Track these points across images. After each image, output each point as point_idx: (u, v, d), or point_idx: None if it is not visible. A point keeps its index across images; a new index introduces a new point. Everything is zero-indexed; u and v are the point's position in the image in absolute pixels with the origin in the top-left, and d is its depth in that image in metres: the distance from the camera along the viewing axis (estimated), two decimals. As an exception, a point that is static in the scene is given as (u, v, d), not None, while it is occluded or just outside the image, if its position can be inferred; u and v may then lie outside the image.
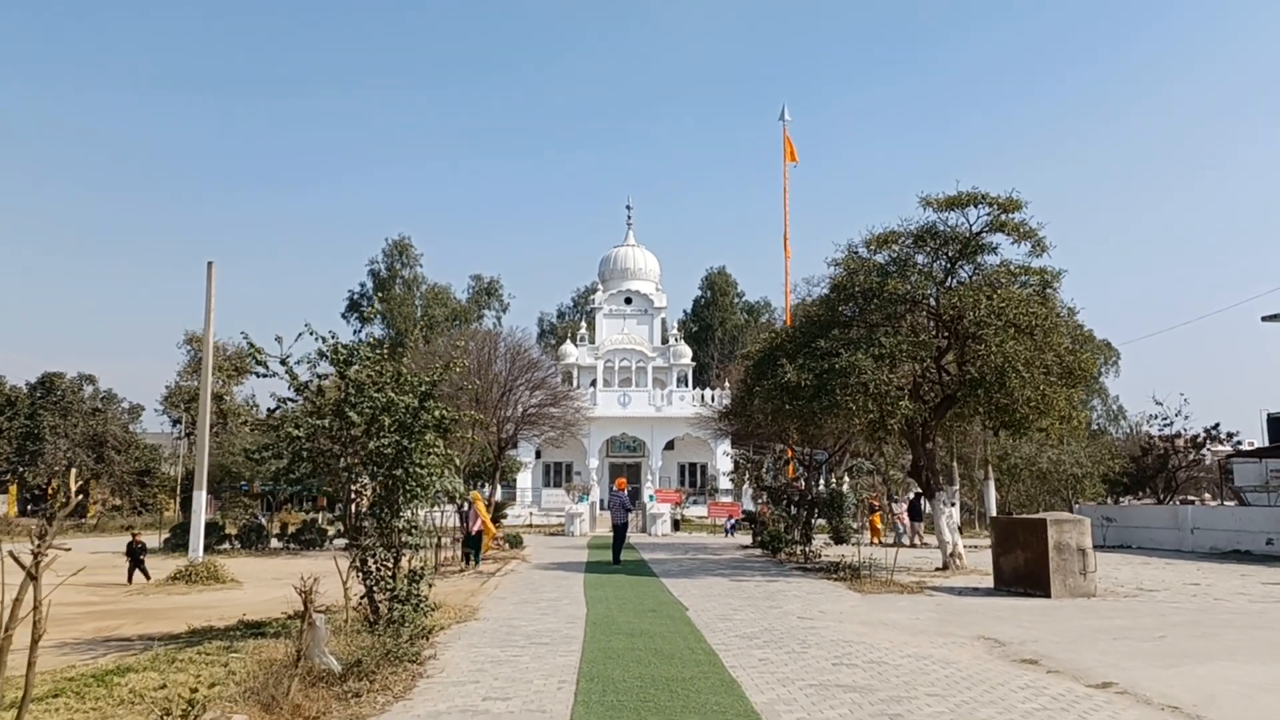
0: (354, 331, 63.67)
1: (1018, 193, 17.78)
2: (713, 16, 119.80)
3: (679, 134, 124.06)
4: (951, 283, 18.57)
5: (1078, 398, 18.71)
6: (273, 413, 10.48)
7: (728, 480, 46.23)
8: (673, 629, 10.70)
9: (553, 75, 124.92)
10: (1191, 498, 37.95)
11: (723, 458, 46.61)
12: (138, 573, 17.81)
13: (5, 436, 45.28)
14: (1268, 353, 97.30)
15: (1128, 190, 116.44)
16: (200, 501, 19.07)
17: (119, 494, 48.59)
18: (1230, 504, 31.05)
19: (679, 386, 52.02)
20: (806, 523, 23.30)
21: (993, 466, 35.70)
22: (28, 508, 45.49)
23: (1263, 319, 26.00)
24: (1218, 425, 32.12)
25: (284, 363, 10.14)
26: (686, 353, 53.93)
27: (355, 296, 68.48)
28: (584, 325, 58.22)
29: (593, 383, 51.23)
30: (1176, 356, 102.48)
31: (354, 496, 10.31)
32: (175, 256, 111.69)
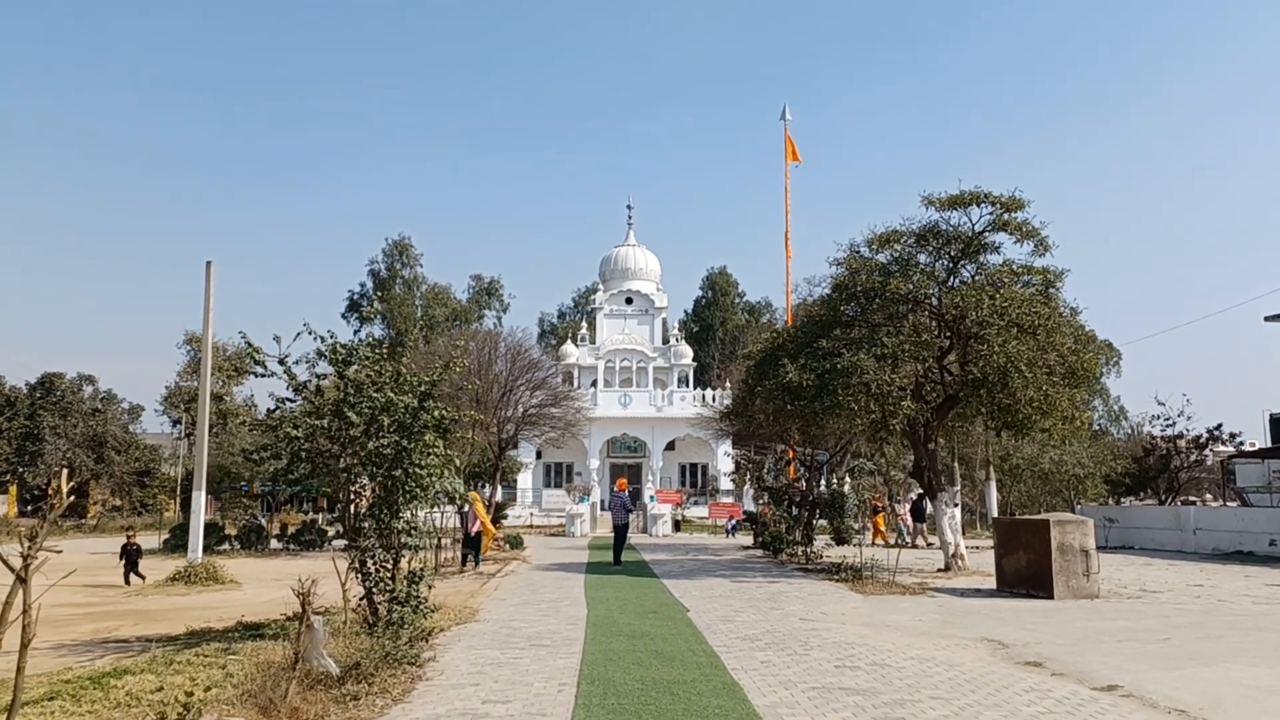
0: (354, 331, 63.70)
1: (1020, 192, 17.74)
2: (713, 16, 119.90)
3: (679, 134, 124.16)
4: (954, 282, 18.49)
5: (1080, 398, 18.64)
6: (272, 413, 10.40)
7: (729, 481, 46.16)
8: (674, 631, 10.63)
9: (553, 75, 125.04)
10: (1193, 498, 37.87)
11: (724, 458, 46.53)
12: (141, 571, 17.73)
13: (5, 437, 45.24)
14: (1270, 353, 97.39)
15: (1128, 190, 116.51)
16: (199, 502, 19.01)
17: (119, 494, 48.55)
18: (1233, 505, 30.96)
19: (680, 387, 51.92)
20: (808, 523, 23.25)
21: (994, 467, 35.63)
22: (28, 508, 45.43)
23: (1266, 319, 25.95)
24: (1220, 425, 32.11)
25: (282, 362, 10.08)
26: (687, 353, 53.84)
27: (355, 297, 68.38)
28: (584, 325, 58.14)
29: (593, 383, 51.13)
30: (1178, 357, 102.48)
31: (353, 497, 10.24)
32: (175, 256, 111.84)
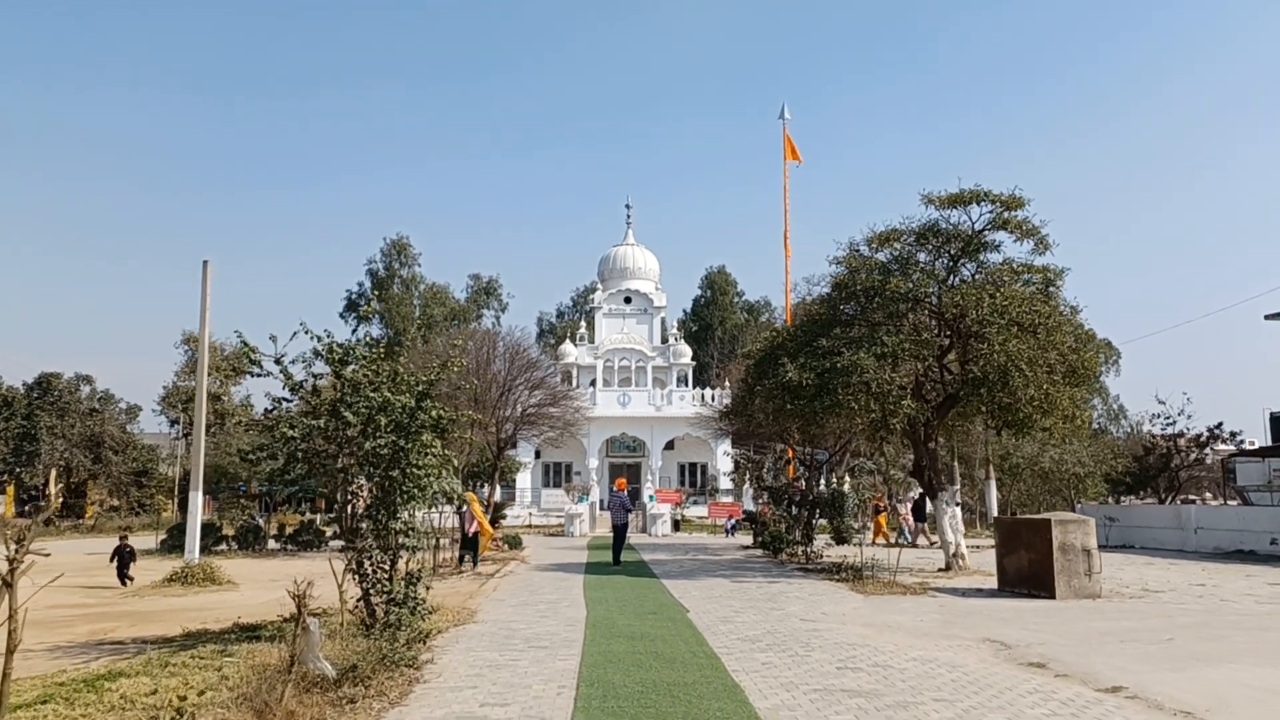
0: (352, 331, 63.61)
1: (1020, 190, 17.64)
2: (712, 16, 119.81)
3: (679, 133, 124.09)
4: (954, 281, 18.40)
5: (1081, 397, 18.56)
6: (270, 413, 10.31)
7: (728, 480, 46.09)
8: (674, 632, 10.56)
9: (552, 75, 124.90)
10: (1193, 497, 37.85)
11: (723, 458, 46.47)
12: (131, 574, 17.59)
13: (2, 437, 45.08)
14: (1271, 352, 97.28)
15: (1128, 190, 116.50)
16: (196, 502, 18.92)
17: (116, 495, 48.44)
18: (1233, 503, 30.92)
19: (679, 386, 51.86)
20: (808, 523, 23.16)
21: (994, 466, 35.58)
22: (25, 508, 45.30)
23: (1266, 317, 25.88)
24: (1221, 424, 32.08)
25: (279, 362, 9.98)
26: (686, 352, 53.78)
27: (354, 296, 68.28)
28: (583, 325, 58.08)
29: (592, 382, 51.06)
30: (1178, 356, 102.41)
31: (350, 498, 10.16)
32: (174, 256, 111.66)
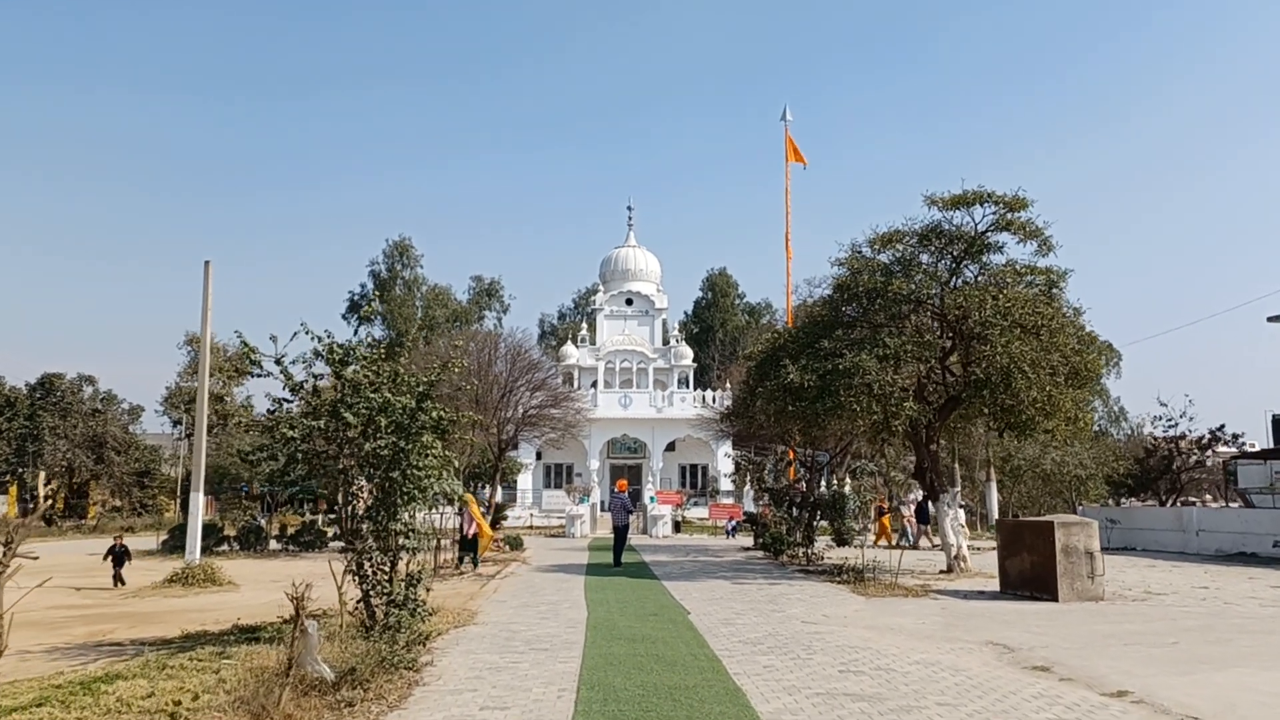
0: (354, 332, 63.54)
1: (1023, 191, 17.59)
2: (712, 16, 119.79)
3: (679, 133, 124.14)
4: (956, 282, 18.34)
5: (1084, 399, 18.49)
6: (272, 413, 10.26)
7: (729, 482, 46.03)
8: (675, 634, 10.50)
9: (552, 75, 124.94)
10: (1193, 499, 37.76)
11: (724, 459, 46.40)
12: (128, 575, 17.50)
13: (5, 437, 45.05)
14: (1273, 353, 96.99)
15: (1128, 190, 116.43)
16: (197, 503, 18.86)
17: (119, 495, 48.38)
18: (1235, 506, 30.83)
19: (680, 388, 51.78)
20: (809, 525, 23.10)
21: (995, 468, 35.51)
22: (27, 509, 45.26)
23: (1269, 319, 25.78)
24: (1223, 426, 31.98)
25: (279, 363, 9.94)
26: (687, 354, 53.70)
27: (356, 298, 68.21)
28: (585, 326, 58.02)
29: (593, 384, 51.00)
30: (1179, 358, 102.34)
31: (351, 499, 10.10)
32: (175, 257, 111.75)
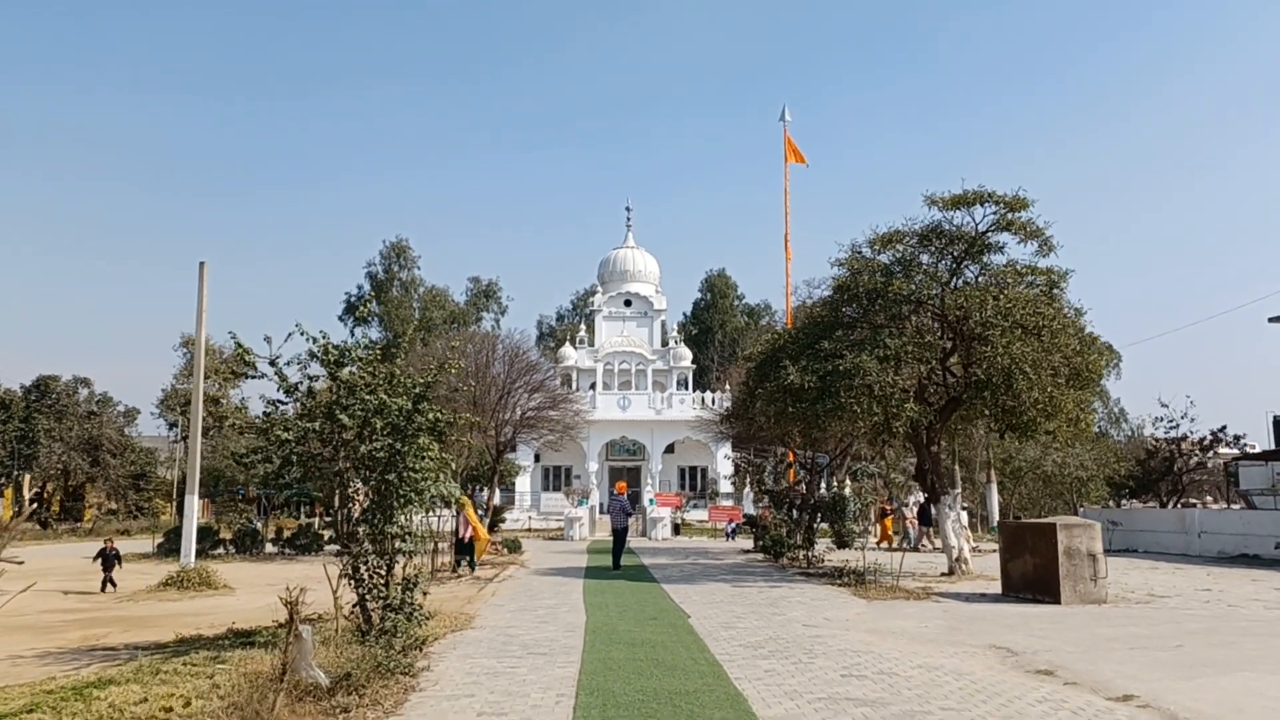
0: (350, 333, 63.40)
1: (1024, 191, 17.50)
2: (712, 16, 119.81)
3: (679, 133, 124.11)
4: (957, 283, 18.25)
5: (1085, 400, 18.39)
6: (267, 415, 10.15)
7: (728, 484, 45.90)
8: (675, 638, 10.39)
9: (552, 75, 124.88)
10: (1194, 501, 37.68)
11: (723, 461, 46.29)
12: (120, 579, 17.33)
13: (0, 440, 44.92)
14: (1274, 354, 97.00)
15: (1128, 190, 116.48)
16: (192, 506, 18.75)
17: (115, 498, 48.26)
18: (1237, 507, 30.76)
19: (679, 389, 51.66)
20: (809, 527, 22.99)
21: (996, 469, 35.41)
22: (22, 512, 45.06)
23: (1270, 320, 25.73)
24: (1224, 428, 31.94)
25: (273, 364, 9.82)
26: (687, 355, 53.59)
27: (353, 299, 68.06)
28: (583, 328, 57.89)
29: (592, 385, 50.86)
30: (1179, 358, 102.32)
31: (347, 502, 9.98)
32: (173, 257, 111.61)
